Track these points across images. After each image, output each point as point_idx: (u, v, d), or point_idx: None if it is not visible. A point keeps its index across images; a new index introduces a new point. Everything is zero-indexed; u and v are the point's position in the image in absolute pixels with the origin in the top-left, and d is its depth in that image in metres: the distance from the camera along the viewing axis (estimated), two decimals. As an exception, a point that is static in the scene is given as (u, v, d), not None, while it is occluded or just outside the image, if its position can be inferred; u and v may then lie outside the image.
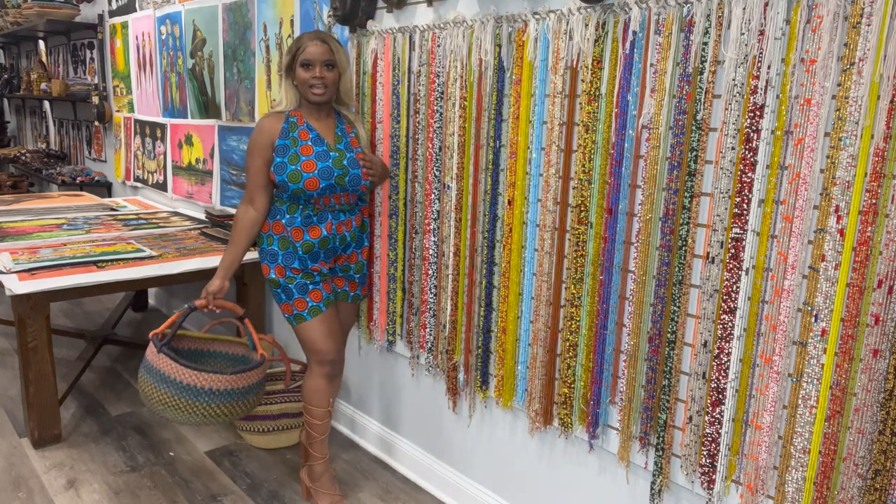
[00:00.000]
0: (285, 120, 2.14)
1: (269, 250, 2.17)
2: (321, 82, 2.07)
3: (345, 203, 2.19)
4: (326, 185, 2.10)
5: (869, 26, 1.26)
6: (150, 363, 2.13)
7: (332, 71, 2.09)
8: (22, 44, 6.27)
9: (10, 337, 3.83)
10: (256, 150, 2.14)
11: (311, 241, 2.16)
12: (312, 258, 2.18)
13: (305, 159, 2.09)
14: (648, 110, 1.61)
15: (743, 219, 1.48)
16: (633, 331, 1.72)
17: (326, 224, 2.16)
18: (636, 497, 1.83)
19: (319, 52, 2.06)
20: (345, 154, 2.14)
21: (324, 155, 2.11)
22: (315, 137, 2.13)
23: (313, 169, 2.08)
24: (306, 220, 2.15)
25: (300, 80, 2.09)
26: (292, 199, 2.14)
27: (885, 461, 1.32)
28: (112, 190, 4.83)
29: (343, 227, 2.20)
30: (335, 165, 2.11)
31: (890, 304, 1.30)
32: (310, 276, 2.18)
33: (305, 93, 2.10)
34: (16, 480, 2.48)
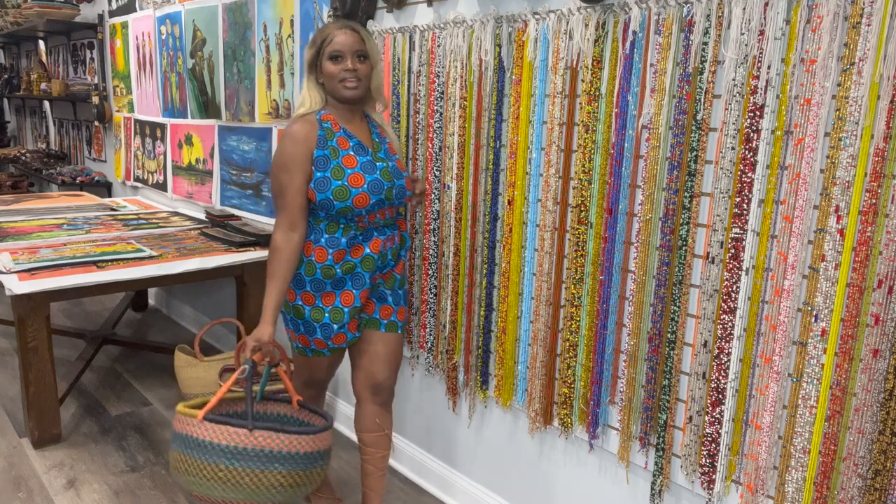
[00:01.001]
0: (319, 126, 1.84)
1: (297, 275, 1.89)
2: (354, 75, 1.81)
3: (388, 217, 1.93)
4: (377, 200, 1.83)
5: (869, 26, 1.26)
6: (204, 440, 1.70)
7: (365, 63, 1.84)
8: (22, 44, 6.27)
9: (10, 337, 3.83)
10: (294, 164, 1.81)
11: (353, 260, 1.88)
12: (353, 282, 1.89)
13: (351, 172, 1.81)
14: (648, 110, 1.61)
15: (743, 219, 1.48)
16: (633, 331, 1.72)
17: (372, 242, 1.89)
18: (636, 497, 1.83)
19: (350, 41, 1.80)
20: (388, 163, 1.89)
21: (370, 166, 1.84)
22: (357, 145, 1.86)
23: (361, 183, 1.81)
24: (352, 240, 1.87)
25: (328, 74, 1.82)
26: (332, 218, 1.85)
27: (885, 461, 1.32)
28: (112, 190, 4.83)
29: (388, 244, 1.94)
30: (384, 177, 1.85)
31: (890, 304, 1.30)
32: (338, 312, 1.90)
33: (335, 89, 1.83)
34: (16, 480, 2.48)
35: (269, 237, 3.04)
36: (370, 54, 1.85)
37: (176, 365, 2.98)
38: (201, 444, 1.69)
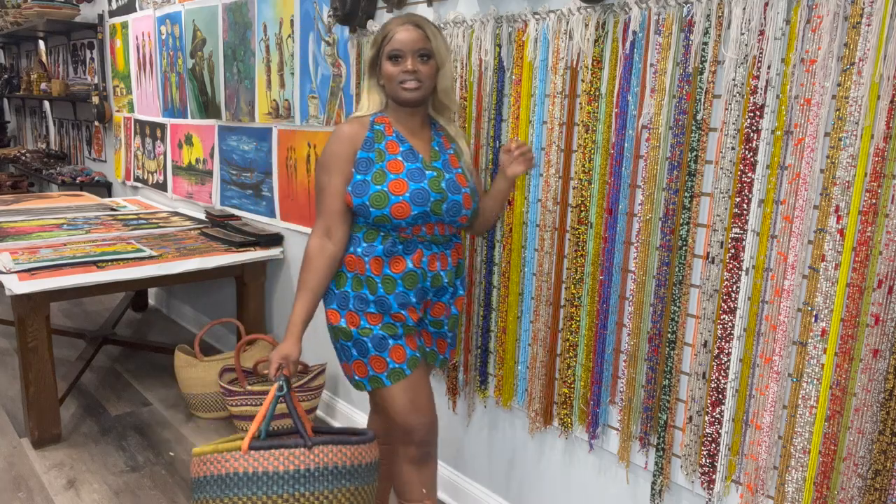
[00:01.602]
0: (370, 127, 1.69)
1: (340, 293, 1.72)
2: (413, 77, 1.63)
3: (438, 235, 1.71)
4: (419, 212, 1.64)
5: (869, 26, 1.26)
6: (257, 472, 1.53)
7: (428, 63, 1.65)
8: (22, 44, 6.27)
9: (10, 337, 3.83)
10: (334, 163, 1.67)
11: (394, 276, 1.68)
12: (398, 300, 1.69)
13: (394, 178, 1.63)
14: (648, 110, 1.61)
15: (743, 219, 1.48)
16: (633, 331, 1.72)
17: (414, 255, 1.69)
18: (636, 497, 1.83)
19: (411, 39, 1.63)
20: (443, 174, 1.68)
21: (418, 173, 1.66)
22: (407, 151, 1.68)
23: (404, 191, 1.63)
24: (390, 249, 1.67)
25: (387, 75, 1.66)
26: (371, 226, 1.68)
27: (885, 461, 1.32)
28: (112, 190, 4.83)
29: (437, 262, 1.72)
30: (432, 188, 1.65)
31: (890, 304, 1.30)
32: (390, 326, 1.69)
33: (394, 92, 1.67)
34: (16, 480, 2.48)
35: (268, 237, 3.07)
36: (435, 53, 1.65)
37: (176, 365, 2.98)
38: (253, 477, 1.52)
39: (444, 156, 1.73)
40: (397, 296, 1.68)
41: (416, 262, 1.69)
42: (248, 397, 2.69)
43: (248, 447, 1.54)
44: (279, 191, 3.04)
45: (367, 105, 1.73)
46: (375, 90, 1.73)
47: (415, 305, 1.71)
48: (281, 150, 2.99)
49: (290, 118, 2.88)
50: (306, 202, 2.88)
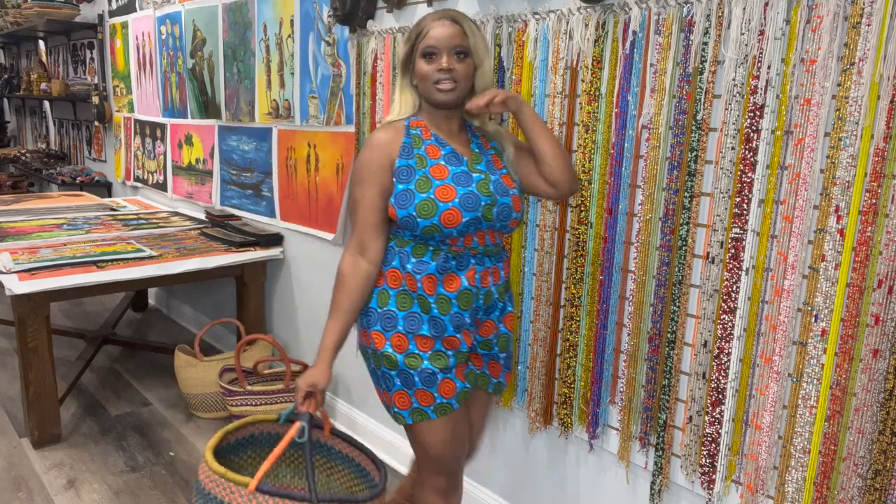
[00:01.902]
0: (406, 132, 1.56)
1: (384, 312, 1.55)
2: (449, 76, 1.50)
3: (490, 244, 1.57)
4: (471, 218, 1.49)
5: (869, 26, 1.26)
6: None
7: (465, 61, 1.52)
8: (22, 44, 6.27)
9: (10, 337, 3.83)
10: (368, 173, 1.54)
11: (448, 294, 1.53)
12: (453, 322, 1.54)
13: (440, 184, 1.50)
14: (648, 110, 1.61)
15: (743, 219, 1.48)
16: (633, 331, 1.72)
17: (468, 272, 1.55)
18: (636, 497, 1.83)
19: (447, 35, 1.49)
20: (489, 176, 1.55)
21: (464, 177, 1.52)
22: (450, 154, 1.55)
23: (452, 197, 1.49)
24: (443, 265, 1.53)
25: (421, 75, 1.52)
26: (420, 239, 1.54)
27: (885, 461, 1.32)
28: (112, 190, 4.83)
29: (489, 277, 1.59)
30: (481, 191, 1.51)
31: (890, 304, 1.30)
32: (441, 356, 1.54)
33: (428, 92, 1.53)
34: (16, 480, 2.48)
35: (268, 237, 3.07)
36: (473, 51, 1.52)
37: (176, 365, 2.98)
38: None
39: (486, 157, 1.60)
40: (452, 317, 1.54)
41: (471, 279, 1.55)
42: (248, 397, 2.69)
43: (256, 488, 1.47)
44: (279, 191, 3.04)
45: (399, 108, 1.60)
46: (408, 91, 1.60)
47: (469, 328, 1.58)
48: (281, 150, 2.99)
49: (290, 118, 2.88)
50: (306, 202, 2.88)
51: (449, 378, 1.55)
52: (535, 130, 1.58)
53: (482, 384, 1.69)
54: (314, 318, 2.99)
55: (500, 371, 1.70)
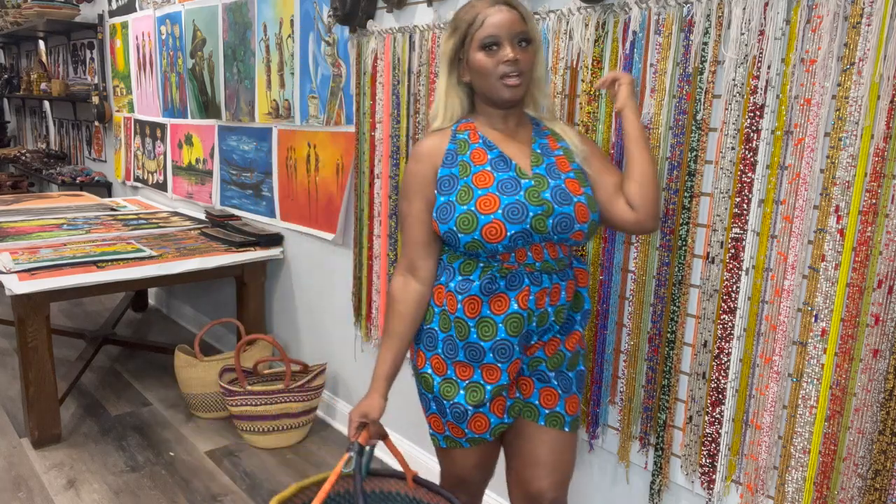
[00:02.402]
0: (452, 137, 1.41)
1: (428, 330, 1.44)
2: (516, 68, 1.32)
3: (550, 259, 1.39)
4: (518, 231, 1.32)
5: (869, 26, 1.26)
6: None
7: (528, 50, 1.34)
8: (22, 44, 6.27)
9: (10, 337, 3.83)
10: (413, 187, 1.41)
11: (494, 318, 1.38)
12: (496, 349, 1.39)
13: (482, 194, 1.34)
14: (648, 110, 1.61)
15: (743, 219, 1.48)
16: (633, 331, 1.72)
17: (520, 293, 1.38)
18: (636, 497, 1.83)
19: (508, 21, 1.32)
20: (546, 182, 1.36)
21: (511, 184, 1.35)
22: (497, 158, 1.38)
23: (495, 208, 1.32)
24: (488, 286, 1.37)
25: (480, 70, 1.34)
26: (468, 255, 1.39)
27: (885, 461, 1.32)
28: (112, 190, 4.83)
29: (546, 298, 1.40)
30: (530, 199, 1.33)
31: (890, 304, 1.30)
32: (477, 389, 1.41)
33: (492, 89, 1.36)
34: (16, 480, 2.48)
35: (268, 237, 3.08)
36: (534, 38, 1.36)
37: (176, 365, 2.98)
38: None
39: (549, 159, 1.40)
40: (496, 343, 1.38)
41: (522, 302, 1.38)
42: (248, 397, 2.69)
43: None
44: (279, 191, 3.04)
45: (444, 114, 1.42)
46: (455, 92, 1.42)
47: (518, 356, 1.41)
48: (281, 150, 2.99)
49: (290, 118, 2.88)
50: (306, 202, 2.88)
51: (482, 413, 1.43)
52: (636, 141, 1.39)
53: (528, 416, 1.47)
54: (314, 318, 2.99)
55: (555, 400, 1.46)
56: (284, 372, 2.79)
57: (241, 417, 2.72)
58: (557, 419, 1.47)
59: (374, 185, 2.42)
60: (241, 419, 2.73)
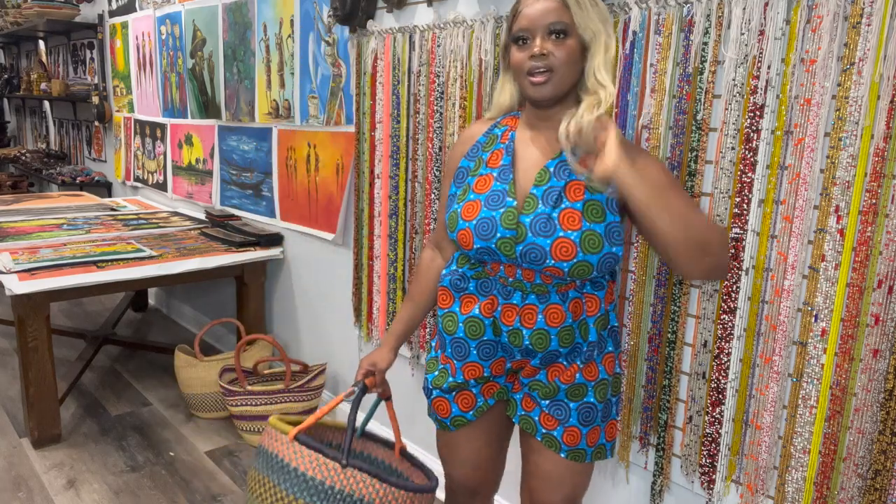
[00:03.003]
0: (489, 129, 1.40)
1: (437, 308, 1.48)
2: (542, 65, 1.23)
3: (524, 280, 1.32)
4: (482, 247, 1.30)
5: (869, 26, 1.26)
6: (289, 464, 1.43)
7: (564, 42, 1.22)
8: (22, 44, 6.27)
9: (10, 337, 3.83)
10: (447, 169, 1.44)
11: (459, 316, 1.39)
12: (454, 347, 1.41)
13: (472, 199, 1.33)
14: (648, 110, 1.61)
15: (743, 219, 1.48)
16: (633, 331, 1.72)
17: (486, 301, 1.37)
18: (636, 497, 1.83)
19: (542, 11, 1.22)
20: (535, 205, 1.27)
21: (497, 198, 1.30)
22: (506, 166, 1.33)
23: (472, 217, 1.31)
24: (458, 283, 1.39)
25: (513, 66, 1.29)
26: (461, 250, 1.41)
27: (885, 461, 1.32)
28: (112, 190, 4.83)
29: (517, 316, 1.34)
30: (504, 221, 1.28)
31: (890, 304, 1.30)
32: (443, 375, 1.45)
33: (522, 87, 1.29)
34: (16, 480, 2.48)
35: (268, 237, 3.08)
36: (578, 28, 1.22)
37: (176, 365, 2.98)
38: (285, 467, 1.41)
39: (559, 181, 1.28)
40: (454, 339, 1.40)
41: (485, 310, 1.36)
42: (248, 397, 2.69)
43: (294, 436, 1.44)
44: (279, 191, 3.04)
45: (493, 105, 1.40)
46: (506, 84, 1.37)
47: (478, 361, 1.39)
48: (281, 150, 2.99)
49: (290, 118, 2.88)
50: (306, 202, 2.88)
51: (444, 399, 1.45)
52: (636, 205, 1.17)
53: (527, 429, 1.42)
54: (314, 318, 2.99)
55: (555, 425, 1.39)
56: (284, 372, 2.79)
57: (241, 417, 2.72)
58: (553, 443, 1.40)
59: (374, 185, 2.42)
60: (241, 419, 2.73)
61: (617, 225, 1.27)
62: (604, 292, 1.37)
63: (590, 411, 1.38)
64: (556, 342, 1.34)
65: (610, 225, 1.26)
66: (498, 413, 1.48)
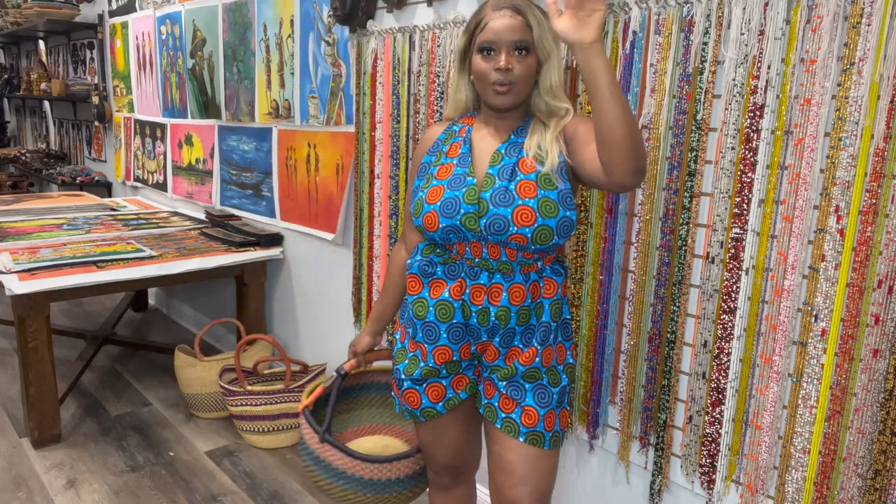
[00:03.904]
0: (447, 128, 1.50)
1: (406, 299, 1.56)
2: (506, 78, 1.33)
3: (490, 258, 1.39)
4: (448, 225, 1.38)
5: (869, 26, 1.26)
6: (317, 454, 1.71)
7: (526, 59, 1.34)
8: (22, 44, 6.27)
9: (10, 337, 3.83)
10: (412, 167, 1.56)
11: (429, 301, 1.45)
12: (425, 332, 1.46)
13: (435, 185, 1.42)
14: (648, 110, 1.61)
15: (743, 219, 1.48)
16: (633, 331, 1.72)
17: (455, 284, 1.43)
18: (636, 497, 1.83)
19: (506, 28, 1.32)
20: (492, 182, 1.37)
21: (458, 180, 1.40)
22: (465, 154, 1.44)
23: (436, 199, 1.40)
24: (426, 269, 1.46)
25: (477, 73, 1.37)
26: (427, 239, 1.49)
27: (885, 461, 1.32)
28: (112, 190, 4.83)
29: (484, 295, 1.41)
30: (466, 197, 1.37)
31: (890, 304, 1.30)
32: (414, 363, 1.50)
33: (484, 93, 1.39)
34: (16, 480, 2.48)
35: (268, 237, 3.08)
36: (537, 45, 1.34)
37: (176, 365, 2.98)
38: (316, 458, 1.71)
39: (511, 159, 1.39)
40: (425, 324, 1.46)
41: (454, 292, 1.43)
42: (248, 397, 2.69)
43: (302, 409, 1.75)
44: (279, 191, 3.04)
45: (450, 107, 1.50)
46: (464, 87, 1.47)
47: (448, 345, 1.45)
48: (281, 150, 2.99)
49: (290, 118, 2.88)
50: (306, 202, 2.88)
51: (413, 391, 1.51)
52: (597, 89, 1.18)
53: (489, 417, 1.48)
54: (314, 318, 2.99)
55: (512, 407, 1.44)
56: (284, 372, 2.78)
57: (241, 417, 2.72)
58: (512, 427, 1.44)
59: (374, 185, 2.42)
60: (241, 419, 2.73)
61: (568, 191, 1.37)
62: (561, 279, 1.46)
63: (544, 394, 1.45)
64: (514, 319, 1.43)
65: (562, 192, 1.36)
66: (469, 406, 1.56)
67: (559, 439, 1.48)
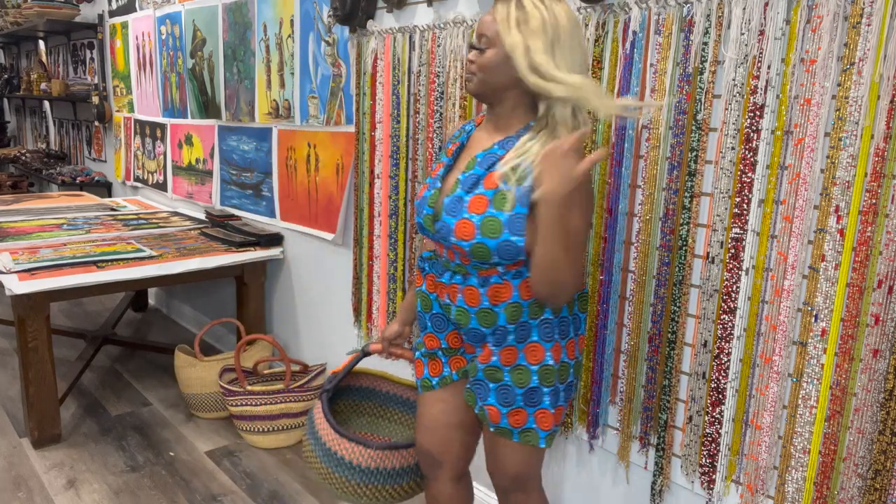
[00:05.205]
0: (461, 127, 1.57)
1: None
2: (467, 69, 1.41)
3: (448, 259, 1.47)
4: (418, 222, 1.50)
5: (869, 26, 1.26)
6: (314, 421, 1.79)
7: (485, 52, 1.36)
8: (22, 44, 6.27)
9: (10, 337, 3.83)
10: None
11: (419, 293, 1.59)
12: (420, 322, 1.60)
13: (426, 182, 1.53)
14: (648, 110, 1.61)
15: (743, 219, 1.48)
16: (633, 331, 1.72)
17: (428, 276, 1.55)
18: (636, 497, 1.83)
19: (483, 23, 1.37)
20: (454, 189, 1.42)
21: (435, 181, 1.49)
22: (455, 154, 1.52)
23: (419, 196, 1.51)
24: (420, 263, 1.59)
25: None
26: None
27: (885, 461, 1.32)
28: (112, 190, 4.83)
29: (446, 293, 1.49)
30: (429, 201, 1.46)
31: (890, 304, 1.30)
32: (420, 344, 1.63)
33: None
34: (16, 480, 2.48)
35: (268, 237, 3.07)
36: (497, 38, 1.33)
37: (176, 365, 2.98)
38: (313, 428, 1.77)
39: (479, 170, 1.40)
40: (419, 314, 1.60)
41: (428, 285, 1.55)
42: (248, 397, 2.69)
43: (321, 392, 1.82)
44: (279, 191, 3.04)
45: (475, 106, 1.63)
46: None
47: (433, 332, 1.56)
48: (281, 150, 2.99)
49: (290, 118, 2.88)
50: (306, 202, 2.88)
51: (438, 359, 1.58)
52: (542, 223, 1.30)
53: (469, 400, 1.53)
54: (314, 318, 2.99)
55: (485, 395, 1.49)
56: (284, 372, 2.78)
57: (241, 417, 2.72)
58: (485, 417, 1.51)
59: (374, 185, 2.42)
60: (241, 419, 2.73)
61: (521, 217, 1.34)
62: (519, 281, 1.41)
63: (507, 394, 1.46)
64: (475, 321, 1.45)
65: (515, 215, 1.34)
66: (457, 393, 1.59)
67: (535, 437, 1.47)
